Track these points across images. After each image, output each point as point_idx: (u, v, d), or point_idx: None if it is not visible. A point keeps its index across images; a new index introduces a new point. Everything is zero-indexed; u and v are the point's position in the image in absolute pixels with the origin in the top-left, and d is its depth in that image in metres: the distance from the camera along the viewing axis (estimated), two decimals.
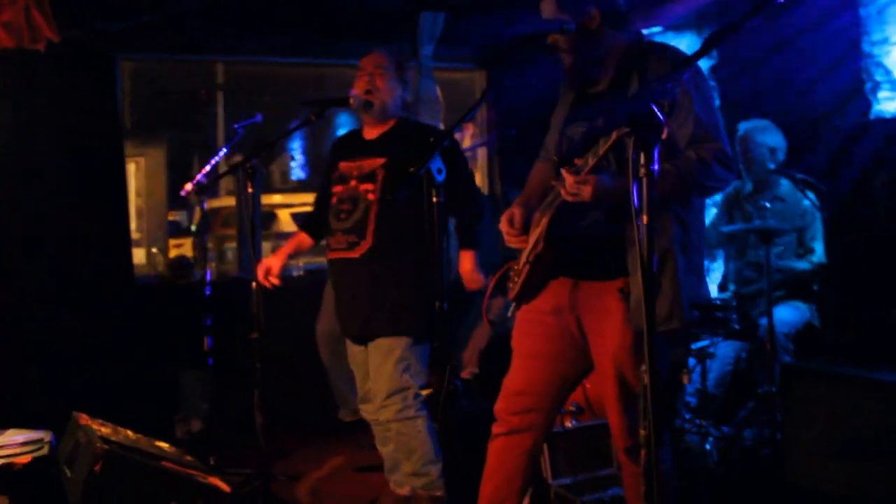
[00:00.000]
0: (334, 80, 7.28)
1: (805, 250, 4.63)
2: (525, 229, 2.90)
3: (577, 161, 2.52)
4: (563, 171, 2.54)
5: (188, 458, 3.85)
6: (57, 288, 5.19)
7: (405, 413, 3.57)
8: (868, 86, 4.82)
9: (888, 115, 4.72)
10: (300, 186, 9.97)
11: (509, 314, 3.05)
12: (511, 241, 2.93)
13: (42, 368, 5.01)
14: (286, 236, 9.34)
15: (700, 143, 2.61)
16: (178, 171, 8.29)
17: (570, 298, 2.84)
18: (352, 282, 3.65)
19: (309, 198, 10.11)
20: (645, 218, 2.06)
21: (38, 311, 5.11)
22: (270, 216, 9.65)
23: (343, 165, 3.75)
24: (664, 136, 1.94)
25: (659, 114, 1.93)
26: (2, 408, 4.51)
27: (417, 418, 3.58)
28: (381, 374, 3.59)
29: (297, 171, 9.47)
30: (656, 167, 1.99)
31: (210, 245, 8.04)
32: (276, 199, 9.72)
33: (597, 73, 2.84)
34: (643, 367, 2.07)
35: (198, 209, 8.98)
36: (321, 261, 6.28)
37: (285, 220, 9.92)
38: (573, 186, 2.51)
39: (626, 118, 2.01)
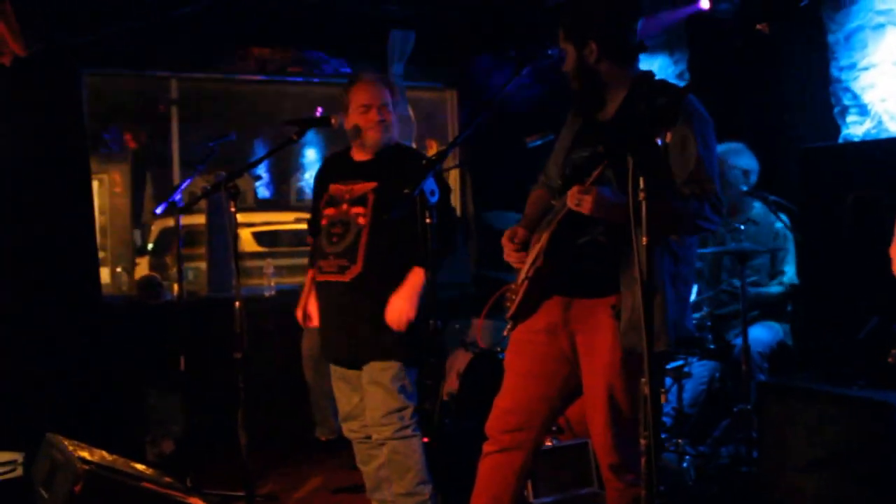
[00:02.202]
0: (294, 97, 7.28)
1: (777, 271, 4.72)
2: (524, 248, 2.97)
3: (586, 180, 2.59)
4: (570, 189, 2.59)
5: (167, 478, 3.79)
6: (23, 307, 5.08)
7: (403, 432, 3.56)
8: (836, 110, 4.95)
9: (856, 139, 4.85)
10: (262, 205, 9.95)
11: (505, 333, 3.07)
12: (509, 256, 3.00)
13: (8, 389, 4.89)
14: (249, 256, 9.29)
15: (696, 184, 2.70)
16: (136, 186, 8.24)
17: (564, 316, 2.89)
18: (341, 306, 3.64)
19: (271, 217, 10.18)
20: (644, 239, 2.12)
21: (3, 331, 5.00)
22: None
23: (334, 188, 3.73)
24: (658, 151, 2.02)
25: (657, 137, 1.98)
26: None
27: (413, 437, 3.58)
28: (376, 394, 3.58)
29: (261, 190, 9.44)
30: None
31: (168, 262, 7.98)
32: (237, 217, 9.63)
33: (601, 102, 2.91)
34: (643, 380, 2.12)
35: (153, 228, 8.93)
36: (291, 281, 6.24)
37: (247, 240, 9.86)
38: (575, 196, 2.58)
39: (624, 140, 2.06)
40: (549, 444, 3.88)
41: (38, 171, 5.23)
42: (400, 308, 3.52)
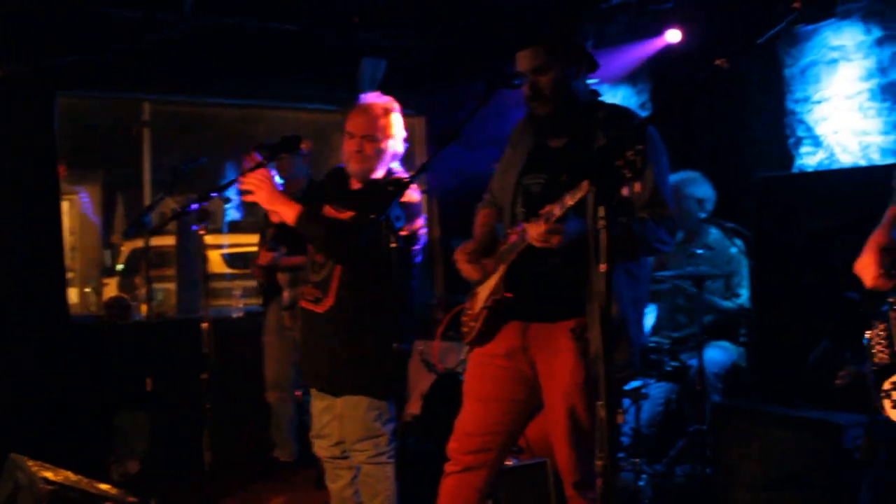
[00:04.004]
0: (267, 122, 7.34)
1: (731, 294, 4.84)
2: (475, 258, 3.04)
3: (542, 211, 2.63)
4: (531, 224, 2.65)
5: (131, 499, 3.81)
6: None
7: (377, 459, 3.57)
8: (791, 141, 5.11)
9: (809, 169, 5.00)
10: (232, 227, 9.97)
11: (462, 357, 3.13)
12: (463, 267, 3.06)
13: None
14: (218, 278, 9.30)
15: (653, 208, 2.80)
16: (106, 208, 8.25)
17: (523, 340, 2.96)
18: (317, 336, 3.64)
19: (239, 239, 10.18)
20: (603, 266, 2.20)
21: None
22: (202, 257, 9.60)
23: (327, 211, 3.68)
24: (626, 193, 2.05)
25: (626, 170, 2.04)
26: None
27: (388, 464, 3.58)
28: (351, 424, 3.59)
29: (232, 213, 9.46)
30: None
31: (137, 283, 8.00)
32: (207, 239, 9.64)
33: (565, 125, 2.94)
34: (599, 403, 2.20)
35: (123, 249, 8.94)
36: (260, 303, 6.29)
37: (216, 262, 9.87)
38: (543, 235, 2.62)
39: (590, 171, 2.12)
40: (509, 463, 3.94)
41: (6, 190, 5.25)
42: (268, 194, 3.48)
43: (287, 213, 3.46)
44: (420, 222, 3.56)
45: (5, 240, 5.22)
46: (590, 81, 3.08)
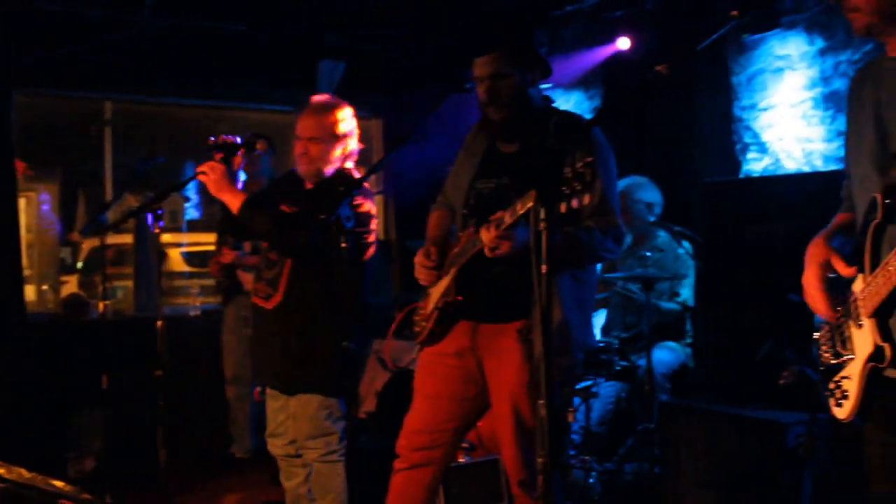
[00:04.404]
0: (229, 122, 7.36)
1: (673, 293, 4.94)
2: (438, 267, 3.08)
3: (493, 217, 2.67)
4: (483, 230, 2.70)
5: (85, 496, 3.82)
6: None
7: (329, 457, 3.62)
8: (738, 147, 5.24)
9: (755, 174, 5.13)
10: (190, 226, 9.97)
11: (414, 355, 3.20)
12: (421, 273, 3.10)
13: None
14: (177, 276, 9.29)
15: (600, 217, 2.83)
16: (66, 206, 8.21)
17: (472, 340, 3.03)
18: (266, 332, 3.69)
19: (199, 237, 10.18)
20: (543, 267, 2.26)
21: None
22: (160, 255, 9.61)
23: (283, 209, 3.72)
24: (575, 205, 2.02)
25: (575, 182, 2.03)
26: None
27: (339, 462, 3.63)
28: (302, 422, 3.64)
29: (190, 212, 9.45)
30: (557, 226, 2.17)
31: (97, 280, 7.97)
32: (167, 238, 9.69)
33: (519, 130, 2.98)
34: (540, 402, 2.27)
35: (84, 247, 8.90)
36: (218, 301, 6.32)
37: (175, 259, 9.87)
38: (493, 241, 2.66)
39: (539, 178, 2.17)
40: (462, 460, 4.00)
41: None
42: (216, 181, 3.52)
43: (231, 201, 3.52)
44: (370, 205, 3.60)
45: None
46: (543, 86, 3.14)
